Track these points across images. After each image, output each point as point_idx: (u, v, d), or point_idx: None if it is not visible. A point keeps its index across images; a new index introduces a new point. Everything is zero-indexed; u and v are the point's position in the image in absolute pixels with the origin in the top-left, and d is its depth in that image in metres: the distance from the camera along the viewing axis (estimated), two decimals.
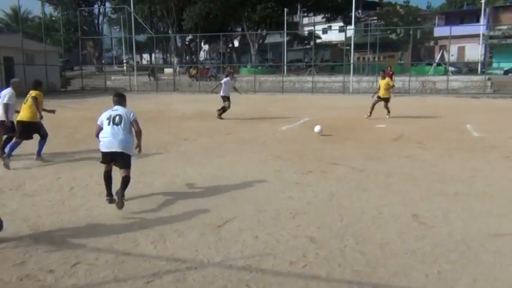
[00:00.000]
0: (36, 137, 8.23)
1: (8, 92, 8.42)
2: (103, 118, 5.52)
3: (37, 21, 48.17)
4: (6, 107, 8.22)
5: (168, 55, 58.06)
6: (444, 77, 29.72)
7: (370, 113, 14.18)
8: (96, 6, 54.08)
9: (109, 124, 5.42)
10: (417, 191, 6.12)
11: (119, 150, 5.37)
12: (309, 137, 10.92)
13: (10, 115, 8.28)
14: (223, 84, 14.66)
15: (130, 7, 33.75)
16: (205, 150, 9.31)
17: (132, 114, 5.57)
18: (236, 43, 56.64)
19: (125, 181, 5.43)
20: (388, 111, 14.54)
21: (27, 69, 26.72)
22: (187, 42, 55.18)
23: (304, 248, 4.22)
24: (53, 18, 51.56)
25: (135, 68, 34.78)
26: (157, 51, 58.78)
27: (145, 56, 75.12)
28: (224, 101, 14.46)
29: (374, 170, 7.38)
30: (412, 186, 6.40)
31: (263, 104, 16.19)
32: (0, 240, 4.38)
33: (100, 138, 5.46)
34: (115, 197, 5.39)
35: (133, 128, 5.52)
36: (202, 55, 65.27)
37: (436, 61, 39.39)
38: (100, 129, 5.50)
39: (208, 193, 6.04)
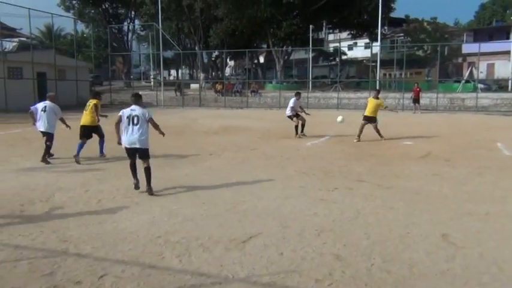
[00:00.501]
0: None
1: (55, 106, 9.62)
2: (124, 115, 6.78)
3: (69, 38, 49.95)
4: (63, 119, 9.70)
5: (194, 71, 59.01)
6: (473, 94, 29.15)
7: (359, 135, 12.92)
8: (125, 23, 55.57)
9: (129, 124, 6.71)
10: (446, 210, 5.97)
11: (138, 146, 6.75)
12: (334, 153, 10.84)
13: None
14: (290, 105, 14.12)
15: (158, 24, 34.56)
16: (231, 165, 9.35)
17: (147, 114, 6.81)
18: (261, 59, 57.11)
19: (148, 173, 6.81)
20: (380, 135, 13.05)
21: (58, 84, 27.59)
22: (213, 58, 56.03)
23: (330, 266, 4.15)
24: (85, 35, 53.31)
25: (162, 83, 35.45)
26: (184, 67, 59.84)
27: (172, 71, 76.50)
28: (292, 119, 14.02)
29: (401, 188, 7.25)
30: (441, 205, 6.25)
31: (288, 120, 16.14)
32: (30, 250, 4.49)
33: (123, 136, 6.79)
34: (148, 190, 6.76)
35: (151, 124, 6.83)
36: (228, 71, 66.08)
37: (465, 78, 38.74)
38: (120, 120, 6.83)
39: (233, 208, 6.04)
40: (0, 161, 9.59)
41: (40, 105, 9.72)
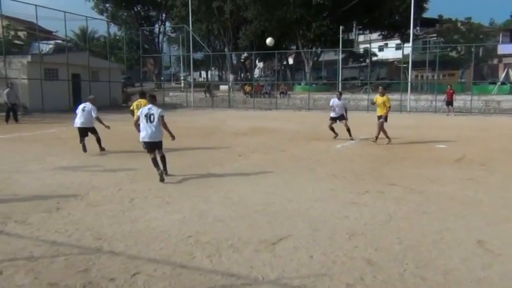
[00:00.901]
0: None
1: (93, 107, 10.88)
2: (142, 114, 7.81)
3: (102, 40, 51.02)
4: (99, 119, 10.85)
5: (223, 72, 59.41)
6: (509, 97, 28.27)
7: (387, 137, 12.64)
8: (156, 25, 56.49)
9: (147, 122, 7.74)
10: (482, 216, 5.79)
11: (155, 140, 7.84)
12: (365, 156, 10.70)
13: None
14: (333, 107, 13.76)
15: (189, 26, 34.98)
16: (259, 166, 9.35)
17: (160, 111, 7.81)
18: (290, 60, 57.03)
19: (163, 159, 7.98)
20: (385, 136, 12.68)
21: (92, 85, 28.32)
22: (242, 60, 56.25)
23: (361, 270, 4.10)
24: (117, 38, 54.32)
25: (192, 84, 35.84)
26: (213, 69, 60.27)
27: (202, 73, 77.23)
28: (330, 119, 13.69)
29: (434, 192, 7.09)
30: (477, 210, 6.07)
31: (317, 122, 16.10)
32: (66, 247, 4.62)
33: (141, 132, 7.84)
34: (164, 173, 7.81)
35: (161, 122, 7.77)
36: (257, 72, 66.21)
37: (501, 80, 37.53)
38: (139, 118, 7.90)
39: (262, 210, 6.05)
40: (38, 160, 9.92)
41: (81, 106, 11.08)
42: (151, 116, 7.76)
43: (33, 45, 33.09)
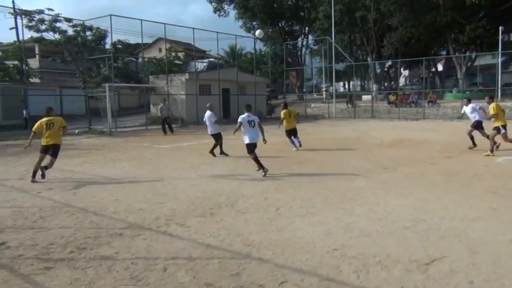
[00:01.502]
0: None
1: (211, 114, 12.85)
2: (244, 121, 9.63)
3: (249, 56, 54.06)
4: (216, 122, 12.90)
5: (366, 82, 58.05)
6: None
7: (491, 148, 11.76)
8: (299, 39, 57.87)
9: (250, 127, 9.63)
10: None
11: (257, 141, 9.71)
12: None
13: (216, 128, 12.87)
14: (466, 114, 13.40)
15: (331, 38, 35.07)
16: (407, 180, 8.85)
17: (257, 118, 9.86)
18: (440, 67, 53.10)
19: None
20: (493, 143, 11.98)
21: (239, 98, 30.20)
22: (386, 69, 54.27)
23: None
24: (262, 53, 57.10)
25: (334, 95, 35.77)
26: (355, 79, 59.30)
27: (344, 83, 76.61)
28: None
29: None
30: None
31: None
32: (220, 250, 4.96)
33: (246, 135, 9.65)
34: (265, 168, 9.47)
35: (259, 127, 9.74)
36: (402, 81, 63.21)
37: None
38: (240, 126, 9.67)
39: (412, 226, 5.69)
40: (194, 168, 10.90)
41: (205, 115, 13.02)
42: (252, 122, 9.69)
43: (189, 64, 36.68)
